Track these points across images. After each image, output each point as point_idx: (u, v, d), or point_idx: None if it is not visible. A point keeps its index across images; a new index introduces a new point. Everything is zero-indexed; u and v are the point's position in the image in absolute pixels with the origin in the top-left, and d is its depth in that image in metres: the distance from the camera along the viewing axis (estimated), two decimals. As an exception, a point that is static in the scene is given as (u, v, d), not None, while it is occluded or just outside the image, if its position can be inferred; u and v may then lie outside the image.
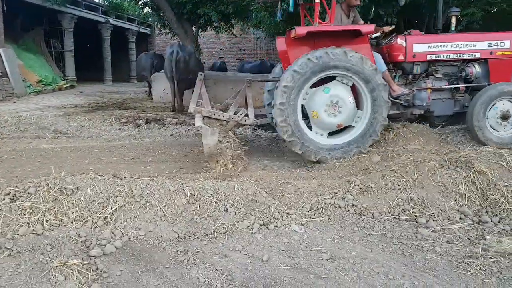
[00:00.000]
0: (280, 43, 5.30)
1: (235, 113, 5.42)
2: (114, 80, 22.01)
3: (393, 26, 5.42)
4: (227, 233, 3.24)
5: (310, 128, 4.99)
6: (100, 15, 20.31)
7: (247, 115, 5.37)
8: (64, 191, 3.26)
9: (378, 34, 5.35)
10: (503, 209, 3.81)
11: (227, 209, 3.46)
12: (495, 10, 10.70)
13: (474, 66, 5.34)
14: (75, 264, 2.57)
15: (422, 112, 5.38)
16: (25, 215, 3.05)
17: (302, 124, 4.85)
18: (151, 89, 12.62)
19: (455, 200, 3.88)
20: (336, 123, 4.86)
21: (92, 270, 2.61)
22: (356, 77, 4.69)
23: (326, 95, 4.79)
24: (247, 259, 2.90)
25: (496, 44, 5.25)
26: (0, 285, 2.36)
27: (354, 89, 4.89)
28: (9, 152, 5.56)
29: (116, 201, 3.28)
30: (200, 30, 14.57)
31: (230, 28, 15.02)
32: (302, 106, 4.89)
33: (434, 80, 5.36)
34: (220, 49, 24.06)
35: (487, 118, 4.98)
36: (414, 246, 3.21)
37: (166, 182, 3.60)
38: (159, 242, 3.06)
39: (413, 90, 5.28)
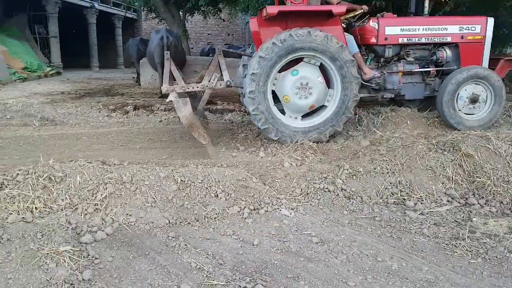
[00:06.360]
0: (253, 24, 5.09)
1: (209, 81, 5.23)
2: (101, 66, 21.67)
3: (367, 8, 5.33)
4: (218, 218, 3.26)
5: (283, 112, 4.93)
6: (85, -1, 19.88)
7: (221, 79, 5.19)
8: (53, 179, 3.24)
9: (358, 12, 5.28)
10: (490, 191, 3.88)
11: (217, 195, 3.47)
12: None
13: (445, 50, 5.31)
14: (66, 250, 2.57)
15: (392, 96, 5.36)
16: (14, 203, 3.02)
17: (275, 110, 4.80)
18: (139, 75, 12.47)
19: (443, 183, 3.95)
20: (308, 105, 4.81)
21: (84, 256, 2.61)
22: (323, 56, 4.63)
23: (295, 78, 4.73)
24: (238, 243, 2.93)
25: (467, 28, 5.21)
26: (-10, 273, 2.35)
27: (323, 69, 4.83)
28: (-4, 140, 5.48)
29: (106, 188, 3.26)
30: (187, 14, 14.33)
31: (218, 13, 14.80)
32: (273, 92, 4.83)
33: (406, 63, 5.30)
34: (208, 34, 23.80)
35: (457, 103, 4.96)
36: (402, 228, 3.26)
37: (156, 168, 3.59)
38: (150, 228, 3.07)
39: (384, 73, 5.23)
